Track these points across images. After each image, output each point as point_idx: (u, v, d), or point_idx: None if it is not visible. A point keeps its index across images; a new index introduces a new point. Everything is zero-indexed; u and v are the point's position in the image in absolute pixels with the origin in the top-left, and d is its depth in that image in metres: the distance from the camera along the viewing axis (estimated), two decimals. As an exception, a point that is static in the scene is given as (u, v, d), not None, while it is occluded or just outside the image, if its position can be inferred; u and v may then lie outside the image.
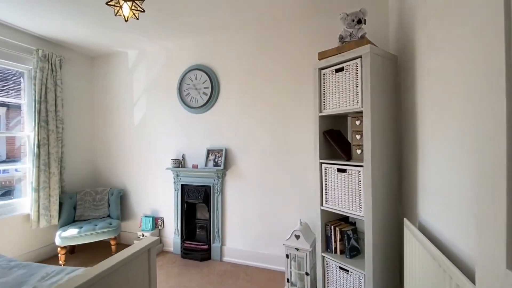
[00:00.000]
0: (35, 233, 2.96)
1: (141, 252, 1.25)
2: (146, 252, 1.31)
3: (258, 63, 2.81)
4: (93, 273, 1.02)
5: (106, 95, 3.68)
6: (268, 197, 2.76)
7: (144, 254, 1.30)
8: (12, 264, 1.45)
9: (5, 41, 2.73)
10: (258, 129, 2.82)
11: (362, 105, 1.73)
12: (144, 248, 1.28)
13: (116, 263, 1.10)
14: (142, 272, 1.29)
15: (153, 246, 1.36)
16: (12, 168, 3.18)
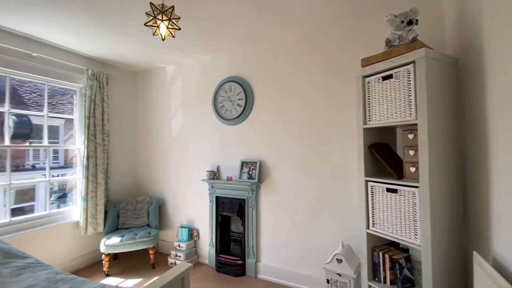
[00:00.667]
0: (84, 240, 3.17)
1: (174, 281, 1.21)
2: (179, 280, 1.27)
3: (293, 73, 2.70)
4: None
5: (146, 109, 3.86)
6: (306, 214, 2.60)
7: (177, 284, 1.26)
8: (58, 278, 1.52)
9: (61, 63, 3.01)
10: (293, 141, 2.69)
11: (416, 117, 1.51)
12: (178, 276, 1.24)
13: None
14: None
15: (186, 274, 1.31)
16: (68, 172, 3.46)
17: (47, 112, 3.02)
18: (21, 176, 6.87)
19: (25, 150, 5.76)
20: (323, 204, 2.50)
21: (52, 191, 5.78)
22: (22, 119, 5.98)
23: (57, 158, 7.53)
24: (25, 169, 7.15)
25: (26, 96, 3.99)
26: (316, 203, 2.54)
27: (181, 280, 1.28)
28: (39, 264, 1.73)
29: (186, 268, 1.30)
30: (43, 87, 3.02)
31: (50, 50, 2.90)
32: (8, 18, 2.32)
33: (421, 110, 1.47)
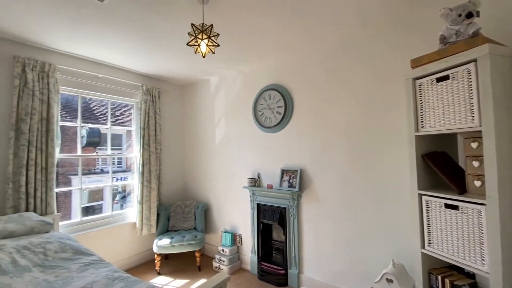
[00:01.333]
0: (139, 239, 3.49)
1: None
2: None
3: (335, 79, 2.59)
4: None
5: (192, 119, 4.12)
6: (351, 226, 2.44)
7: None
8: (115, 276, 1.70)
9: (120, 81, 3.40)
10: (335, 149, 2.56)
11: (480, 123, 1.31)
12: (216, 287, 1.27)
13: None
14: None
15: (224, 284, 1.34)
16: (129, 175, 3.88)
17: (111, 124, 3.44)
18: (92, 178, 7.98)
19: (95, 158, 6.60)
20: (370, 217, 2.32)
21: (116, 192, 6.57)
22: (92, 129, 6.92)
23: (121, 163, 8.54)
24: (95, 173, 8.27)
25: (95, 110, 4.59)
26: (362, 216, 2.37)
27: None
28: (100, 262, 1.96)
29: (223, 279, 1.33)
30: (107, 103, 3.45)
31: (112, 71, 3.31)
32: (79, 47, 2.72)
33: (486, 115, 1.27)
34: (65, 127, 3.26)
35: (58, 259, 1.88)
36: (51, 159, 2.62)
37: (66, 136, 3.28)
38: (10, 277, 1.57)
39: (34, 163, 2.49)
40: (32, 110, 2.51)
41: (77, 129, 3.16)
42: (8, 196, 2.35)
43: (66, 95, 3.07)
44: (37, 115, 2.54)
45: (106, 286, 1.56)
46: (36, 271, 1.70)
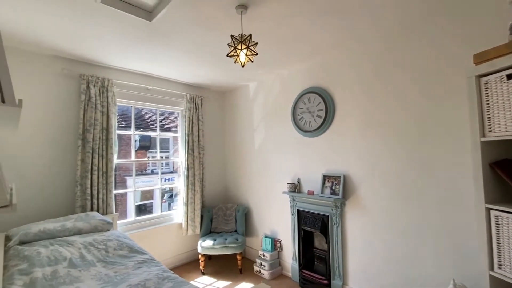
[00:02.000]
0: (184, 239, 3.70)
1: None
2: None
3: (382, 79, 2.41)
4: None
5: (232, 124, 4.23)
6: (404, 240, 2.23)
7: None
8: (165, 275, 1.82)
9: (167, 92, 3.66)
10: (384, 154, 2.38)
11: None
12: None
13: None
14: None
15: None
16: (175, 176, 4.13)
17: (159, 132, 3.72)
18: (144, 178, 8.75)
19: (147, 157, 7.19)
20: (426, 231, 2.10)
21: (164, 191, 7.11)
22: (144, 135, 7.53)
23: (168, 165, 9.23)
24: (146, 174, 9.07)
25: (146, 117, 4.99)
26: (418, 229, 2.15)
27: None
28: (152, 261, 2.12)
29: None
30: (155, 112, 3.74)
31: (159, 82, 3.58)
32: (132, 63, 2.99)
33: None
34: (121, 134, 3.62)
35: (117, 256, 2.09)
36: (110, 164, 2.93)
37: (122, 141, 3.64)
38: (79, 271, 1.80)
39: (97, 168, 2.81)
40: (95, 121, 2.84)
41: (131, 136, 3.48)
42: (77, 197, 2.70)
43: (122, 106, 3.41)
44: (99, 125, 2.86)
45: (157, 285, 1.67)
46: (100, 266, 1.91)
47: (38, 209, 2.53)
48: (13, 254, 1.81)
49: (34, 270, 1.66)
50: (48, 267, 1.73)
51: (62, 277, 1.68)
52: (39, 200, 2.55)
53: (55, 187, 2.65)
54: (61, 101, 2.75)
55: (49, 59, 2.68)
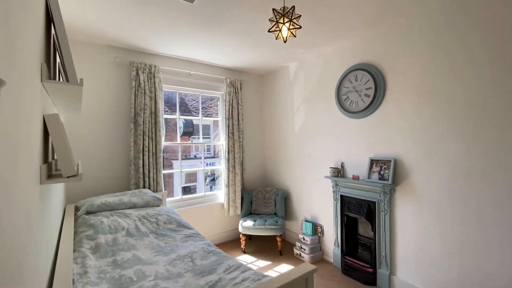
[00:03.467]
0: (226, 219, 3.85)
1: (298, 280, 1.23)
2: (303, 281, 1.27)
3: (440, 49, 2.09)
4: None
5: (272, 107, 4.16)
6: (466, 230, 1.99)
7: (301, 284, 1.27)
8: (210, 249, 1.91)
9: (208, 76, 3.73)
10: (442, 136, 2.11)
11: None
12: (302, 277, 1.25)
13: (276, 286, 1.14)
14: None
15: (310, 275, 1.30)
16: (216, 161, 4.29)
17: (202, 116, 3.84)
18: (188, 163, 9.32)
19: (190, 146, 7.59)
20: (494, 221, 1.83)
21: (206, 175, 7.49)
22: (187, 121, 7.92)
23: (210, 150, 9.66)
24: (190, 158, 9.64)
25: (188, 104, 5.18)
26: (483, 219, 1.89)
27: (305, 281, 1.28)
28: (198, 235, 2.24)
29: (310, 270, 1.30)
30: (197, 97, 3.86)
31: (201, 67, 3.65)
32: (175, 48, 3.09)
33: None
34: (167, 119, 3.82)
35: (166, 229, 2.26)
36: (159, 146, 3.14)
37: (168, 127, 3.85)
38: (135, 239, 1.98)
39: (147, 150, 3.03)
40: (144, 106, 3.03)
41: (177, 120, 3.66)
42: (131, 175, 2.96)
43: (167, 92, 3.59)
44: (148, 110, 3.05)
45: (203, 257, 1.77)
46: (152, 237, 2.09)
47: (99, 185, 2.85)
48: (81, 222, 2.07)
49: (98, 236, 1.88)
50: (109, 235, 1.94)
51: (121, 244, 1.87)
52: (100, 177, 2.86)
53: (113, 166, 2.94)
54: (115, 87, 2.99)
55: (103, 48, 2.91)
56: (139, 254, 1.79)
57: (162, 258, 1.76)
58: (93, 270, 1.52)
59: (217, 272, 1.56)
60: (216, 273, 1.55)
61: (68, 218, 2.10)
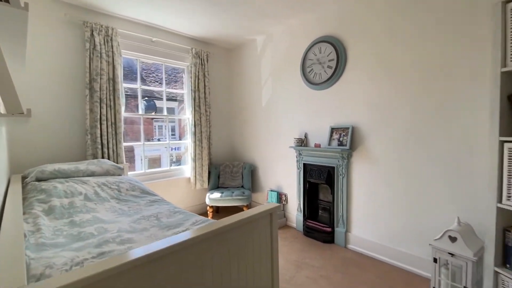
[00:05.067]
0: (193, 193, 3.83)
1: (264, 214, 1.33)
2: (268, 215, 1.38)
3: (397, 21, 2.27)
4: (221, 223, 1.18)
5: (239, 82, 4.14)
6: (408, 185, 2.26)
7: (266, 217, 1.38)
8: (176, 210, 1.91)
9: (172, 45, 3.55)
10: (394, 101, 2.32)
11: None
12: (267, 211, 1.35)
13: (243, 218, 1.24)
14: (264, 232, 1.39)
15: (274, 211, 1.41)
16: (182, 143, 4.16)
17: (165, 88, 3.68)
18: (151, 147, 8.91)
19: (153, 127, 7.21)
20: (434, 174, 2.10)
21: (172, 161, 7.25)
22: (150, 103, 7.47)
23: (174, 133, 9.35)
24: (153, 142, 9.23)
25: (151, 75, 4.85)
26: (425, 173, 2.16)
27: (270, 215, 1.39)
28: (163, 201, 2.21)
29: (275, 206, 1.41)
30: (161, 68, 3.67)
31: (164, 34, 3.46)
32: (136, 10, 2.87)
33: None
34: (128, 95, 3.57)
35: (129, 195, 2.18)
36: (119, 115, 2.95)
37: (130, 102, 3.63)
38: (94, 203, 1.88)
39: (105, 118, 2.84)
40: (101, 71, 2.80)
41: (138, 91, 3.45)
42: (88, 145, 2.75)
43: (127, 59, 3.35)
44: (105, 75, 2.83)
45: (169, 216, 1.76)
46: (113, 202, 2.00)
47: (50, 155, 2.60)
48: (31, 189, 1.89)
49: (52, 199, 1.75)
50: (65, 199, 1.81)
51: (79, 207, 1.77)
52: (53, 144, 2.61)
53: (67, 133, 2.70)
54: (67, 49, 2.70)
55: (51, 3, 2.59)
56: (100, 216, 1.71)
57: (125, 219, 1.71)
58: (48, 228, 1.42)
59: (184, 225, 1.57)
60: (183, 226, 1.56)
61: (13, 186, 1.90)
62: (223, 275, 1.17)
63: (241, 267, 1.26)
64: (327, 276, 2.19)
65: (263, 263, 1.36)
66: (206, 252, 1.10)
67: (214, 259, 1.14)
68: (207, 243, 1.11)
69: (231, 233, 1.21)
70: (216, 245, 1.15)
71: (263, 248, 1.36)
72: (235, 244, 1.23)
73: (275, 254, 1.45)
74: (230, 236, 1.21)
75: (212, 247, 1.13)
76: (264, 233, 1.37)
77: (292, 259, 2.49)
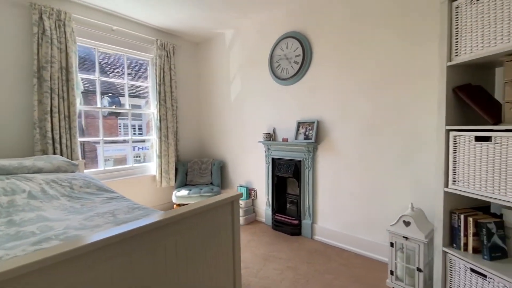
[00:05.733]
0: (159, 191, 3.66)
1: (224, 202, 1.30)
2: (229, 204, 1.35)
3: (357, 19, 2.37)
4: (176, 212, 1.14)
5: (208, 76, 4.05)
6: (368, 175, 2.37)
7: (227, 206, 1.35)
8: (135, 207, 1.79)
9: (135, 35, 3.36)
10: (355, 96, 2.42)
11: (529, 37, 1.14)
12: (227, 199, 1.32)
13: (202, 206, 1.21)
14: (225, 221, 1.37)
15: (236, 199, 1.39)
16: (147, 140, 3.96)
17: (127, 80, 3.47)
18: (116, 147, 8.35)
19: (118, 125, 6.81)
20: (389, 164, 2.23)
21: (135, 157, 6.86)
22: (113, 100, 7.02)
23: (141, 130, 8.88)
24: (118, 142, 8.70)
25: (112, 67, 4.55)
26: (383, 164, 2.28)
27: (231, 204, 1.36)
28: (122, 198, 2.07)
29: (236, 194, 1.38)
30: (123, 59, 3.45)
31: (126, 23, 3.26)
32: (93, -6, 2.66)
33: (539, 25, 1.09)
34: (87, 90, 3.30)
35: (83, 192, 2.01)
36: (73, 108, 2.71)
37: (91, 98, 3.37)
38: (40, 202, 1.70)
39: (57, 111, 2.59)
40: (52, 58, 2.55)
41: (96, 82, 3.21)
42: (36, 140, 2.49)
43: (84, 48, 3.10)
44: (57, 63, 2.58)
45: (127, 212, 1.64)
46: (64, 200, 1.82)
47: (-9, 151, 2.32)
48: (-38, 187, 1.65)
49: (-14, 198, 1.54)
50: (4, 197, 1.61)
51: (21, 206, 1.59)
52: (-9, 140, 2.32)
53: (10, 127, 2.42)
54: (9, 31, 2.41)
55: (-11, -21, 2.30)
56: (45, 214, 1.54)
57: (76, 216, 1.56)
58: (-22, 229, 1.25)
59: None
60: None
61: None
62: (179, 266, 1.11)
63: (199, 258, 1.21)
64: (293, 267, 2.22)
65: (224, 254, 1.33)
66: (160, 241, 1.04)
67: (168, 249, 1.08)
68: (161, 232, 1.05)
69: (188, 222, 1.16)
70: (171, 234, 1.09)
71: (223, 239, 1.32)
72: (194, 234, 1.18)
73: (237, 244, 1.43)
74: (187, 225, 1.16)
75: (166, 236, 1.07)
76: (225, 223, 1.34)
77: (260, 253, 2.48)
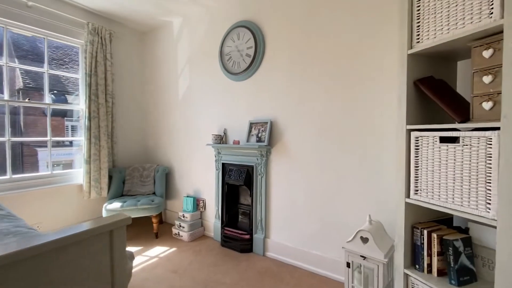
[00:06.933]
0: (88, 204, 3.03)
1: (96, 232, 0.84)
2: (106, 234, 0.89)
3: (313, 9, 2.13)
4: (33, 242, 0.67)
5: (154, 71, 3.56)
6: (323, 182, 2.10)
7: (102, 238, 0.88)
8: (12, 230, 1.29)
9: (60, 15, 2.78)
10: (311, 94, 2.16)
11: (502, 15, 0.93)
12: (102, 228, 0.86)
13: (46, 243, 0.74)
14: (99, 262, 0.89)
15: (116, 227, 0.93)
16: (74, 140, 3.29)
17: (48, 68, 2.84)
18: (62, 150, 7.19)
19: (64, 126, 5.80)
20: (347, 169, 1.98)
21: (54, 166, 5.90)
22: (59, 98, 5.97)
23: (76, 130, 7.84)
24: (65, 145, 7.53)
25: (28, 51, 3.75)
26: (339, 169, 2.02)
27: (109, 234, 0.91)
28: (7, 216, 1.52)
29: (120, 219, 0.92)
30: (42, 42, 2.82)
31: (48, 0, 2.67)
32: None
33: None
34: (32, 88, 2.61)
35: None
36: (-46, 97, 2.06)
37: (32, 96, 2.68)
38: None
39: None
40: None
41: (3, 68, 2.55)
42: None
43: (-18, 23, 2.44)
44: None
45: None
46: None
47: None
48: None
49: None
50: None
51: None
52: None
53: None
54: None
55: None
56: None
57: None
58: None
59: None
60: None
61: None
62: None
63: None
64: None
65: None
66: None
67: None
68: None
69: (31, 266, 0.72)
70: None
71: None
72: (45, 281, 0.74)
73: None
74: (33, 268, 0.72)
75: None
76: (98, 264, 0.88)
77: (200, 278, 2.05)
